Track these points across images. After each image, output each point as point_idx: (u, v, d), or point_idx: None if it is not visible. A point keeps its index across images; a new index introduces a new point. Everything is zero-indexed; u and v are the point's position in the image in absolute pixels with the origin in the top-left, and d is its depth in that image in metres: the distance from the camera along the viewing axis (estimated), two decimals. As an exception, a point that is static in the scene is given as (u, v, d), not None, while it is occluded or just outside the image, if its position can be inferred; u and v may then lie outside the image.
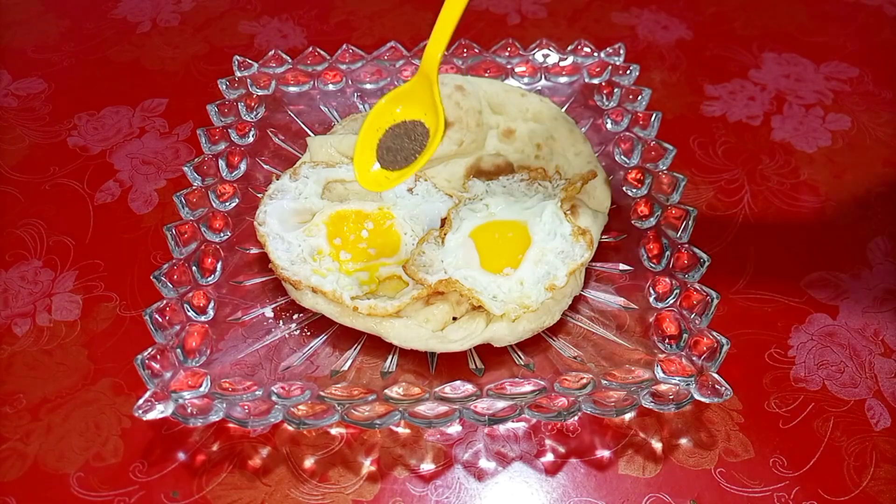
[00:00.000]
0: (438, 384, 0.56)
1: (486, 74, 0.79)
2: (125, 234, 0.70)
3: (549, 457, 0.55)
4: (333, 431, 0.56)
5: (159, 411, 0.50)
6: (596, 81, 0.77)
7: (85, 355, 0.61)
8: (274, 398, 0.53)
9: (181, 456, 0.55)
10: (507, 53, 0.79)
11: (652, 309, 0.60)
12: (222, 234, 0.64)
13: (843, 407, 0.58)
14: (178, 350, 0.55)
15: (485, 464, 0.55)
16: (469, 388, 0.55)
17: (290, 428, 0.56)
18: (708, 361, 0.53)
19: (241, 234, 0.65)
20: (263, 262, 0.63)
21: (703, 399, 0.51)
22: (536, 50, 0.79)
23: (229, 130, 0.70)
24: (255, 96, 0.74)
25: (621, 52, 0.77)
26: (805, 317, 0.64)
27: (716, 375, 0.52)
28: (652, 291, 0.61)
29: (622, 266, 0.64)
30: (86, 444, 0.55)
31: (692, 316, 0.57)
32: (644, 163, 0.68)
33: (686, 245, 0.60)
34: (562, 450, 0.55)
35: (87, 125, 0.81)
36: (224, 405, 0.51)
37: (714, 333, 0.54)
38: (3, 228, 0.71)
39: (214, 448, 0.55)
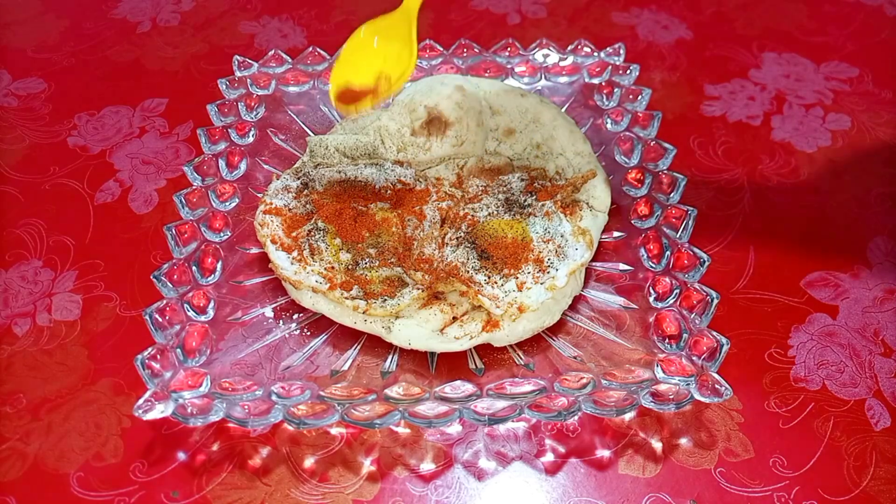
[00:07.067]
0: (438, 384, 0.56)
1: (487, 74, 0.79)
2: (125, 234, 0.70)
3: (549, 457, 0.55)
4: (333, 431, 0.56)
5: (159, 411, 0.50)
6: (596, 81, 0.77)
7: (85, 355, 0.61)
8: (274, 398, 0.53)
9: (181, 456, 0.55)
10: (507, 53, 0.79)
11: (652, 309, 0.60)
12: (222, 234, 0.64)
13: (843, 407, 0.58)
14: (178, 350, 0.55)
15: (485, 464, 0.55)
16: (469, 387, 0.55)
17: (290, 428, 0.56)
18: (708, 361, 0.53)
19: (241, 233, 0.65)
20: (263, 262, 0.63)
21: (703, 399, 0.51)
22: (536, 50, 0.79)
23: (229, 130, 0.70)
24: (255, 96, 0.74)
25: (621, 52, 0.77)
26: (805, 317, 0.64)
27: (716, 375, 0.52)
28: (652, 291, 0.61)
29: (622, 266, 0.64)
30: (86, 443, 0.55)
31: (692, 316, 0.57)
32: (644, 163, 0.68)
33: (686, 245, 0.60)
34: (562, 450, 0.55)
35: (87, 125, 0.81)
36: (224, 405, 0.51)
37: (714, 333, 0.54)
38: (3, 228, 0.71)
39: (214, 448, 0.55)
